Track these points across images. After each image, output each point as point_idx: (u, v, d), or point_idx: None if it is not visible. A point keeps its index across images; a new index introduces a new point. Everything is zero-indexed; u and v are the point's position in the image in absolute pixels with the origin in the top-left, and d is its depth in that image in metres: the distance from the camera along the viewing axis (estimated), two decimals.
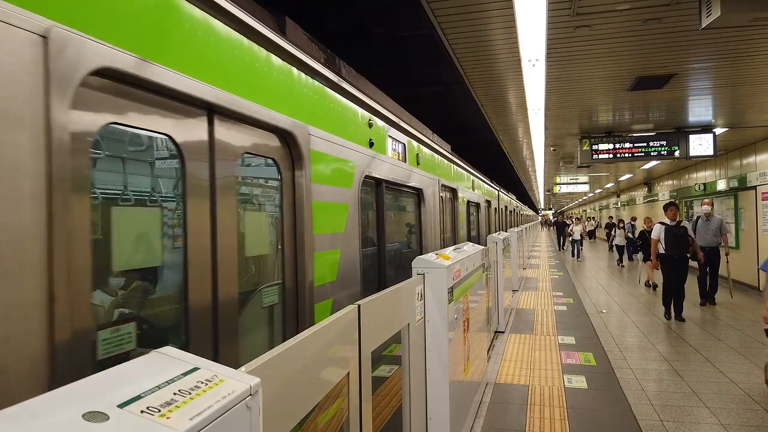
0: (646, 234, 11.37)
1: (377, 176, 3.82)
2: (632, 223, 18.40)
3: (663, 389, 4.84)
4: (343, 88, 3.24)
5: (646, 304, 9.47)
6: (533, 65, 5.26)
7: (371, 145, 3.73)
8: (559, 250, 25.89)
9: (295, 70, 2.61)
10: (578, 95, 6.91)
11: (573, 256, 20.08)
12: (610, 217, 25.87)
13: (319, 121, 2.83)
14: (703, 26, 3.54)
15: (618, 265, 16.81)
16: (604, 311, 8.76)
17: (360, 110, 3.57)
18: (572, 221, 23.57)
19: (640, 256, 11.86)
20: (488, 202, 12.31)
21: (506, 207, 18.20)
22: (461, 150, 9.77)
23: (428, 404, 2.88)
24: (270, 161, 2.45)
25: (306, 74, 2.73)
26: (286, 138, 2.51)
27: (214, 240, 1.99)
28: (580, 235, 20.04)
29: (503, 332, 7.15)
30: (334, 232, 2.97)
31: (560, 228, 27.78)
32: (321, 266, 2.78)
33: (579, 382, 5.01)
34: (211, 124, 2.01)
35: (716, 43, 4.92)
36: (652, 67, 5.68)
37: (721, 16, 3.18)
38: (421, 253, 4.66)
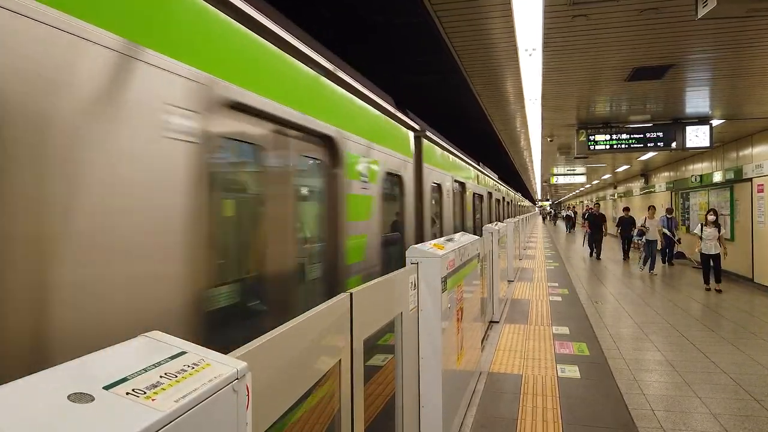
0: None
1: (397, 173, 4.32)
2: (668, 216, 13.47)
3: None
4: (368, 97, 3.69)
5: None
6: (530, 55, 5.23)
7: (391, 145, 4.23)
8: (594, 257, 15.94)
9: (333, 84, 3.11)
10: (575, 85, 6.88)
11: (643, 266, 12.68)
12: (626, 208, 16.51)
13: (351, 126, 3.33)
14: (700, 17, 3.53)
15: (710, 289, 9.88)
16: (597, 302, 8.80)
17: (382, 116, 4.08)
18: (648, 212, 13.49)
19: None
20: (489, 194, 13.07)
21: (504, 198, 18.27)
22: (457, 140, 9.76)
23: (421, 392, 2.90)
24: (317, 161, 3.04)
25: (340, 86, 3.21)
26: (328, 142, 3.05)
27: (285, 220, 2.62)
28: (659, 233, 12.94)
29: (498, 322, 7.19)
30: (362, 220, 3.48)
31: (595, 224, 16.37)
32: (353, 248, 3.33)
33: (572, 371, 5.06)
34: (284, 134, 2.61)
35: (714, 33, 4.90)
36: (649, 58, 5.65)
37: (717, 7, 3.17)
38: (439, 236, 5.42)
